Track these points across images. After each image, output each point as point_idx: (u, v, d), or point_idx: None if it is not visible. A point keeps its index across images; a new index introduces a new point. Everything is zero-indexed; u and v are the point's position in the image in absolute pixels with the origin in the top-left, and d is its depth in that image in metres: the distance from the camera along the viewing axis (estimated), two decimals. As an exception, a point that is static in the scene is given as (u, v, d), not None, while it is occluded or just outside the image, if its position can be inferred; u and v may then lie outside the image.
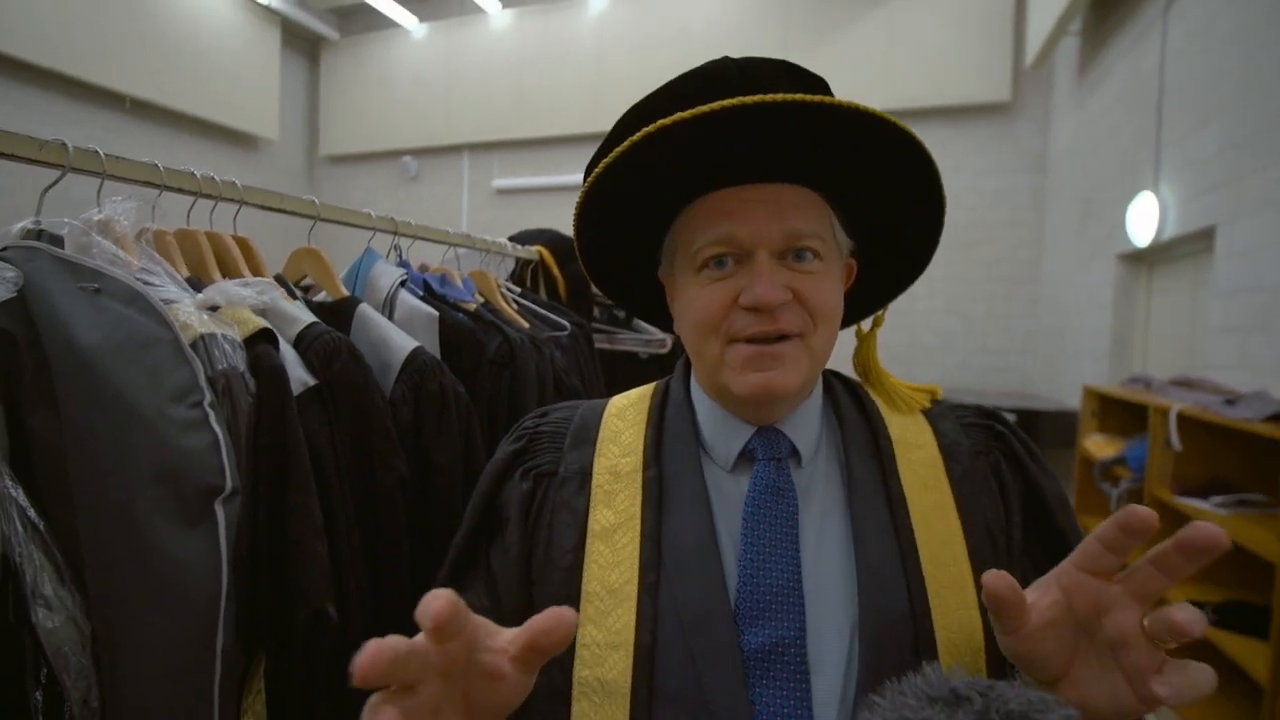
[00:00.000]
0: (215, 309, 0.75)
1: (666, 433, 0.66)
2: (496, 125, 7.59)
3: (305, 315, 0.84)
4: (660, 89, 0.62)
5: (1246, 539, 2.10)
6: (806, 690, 0.54)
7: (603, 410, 0.70)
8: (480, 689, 0.41)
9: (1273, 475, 2.17)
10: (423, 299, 1.19)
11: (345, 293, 1.06)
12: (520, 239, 1.83)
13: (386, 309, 1.13)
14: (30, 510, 0.63)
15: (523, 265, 1.76)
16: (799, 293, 0.58)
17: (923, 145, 0.57)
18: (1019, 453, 0.66)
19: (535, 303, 1.57)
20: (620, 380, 1.79)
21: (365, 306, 1.00)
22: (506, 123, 7.54)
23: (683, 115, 0.53)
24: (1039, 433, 4.47)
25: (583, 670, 0.56)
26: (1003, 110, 5.90)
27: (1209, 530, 0.40)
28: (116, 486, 0.60)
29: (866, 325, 0.72)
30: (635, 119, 0.60)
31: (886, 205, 0.63)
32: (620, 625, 0.57)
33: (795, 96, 0.52)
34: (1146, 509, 0.42)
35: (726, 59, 0.62)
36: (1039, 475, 0.65)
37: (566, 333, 1.44)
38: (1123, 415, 3.40)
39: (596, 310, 1.83)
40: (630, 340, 1.86)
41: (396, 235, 1.24)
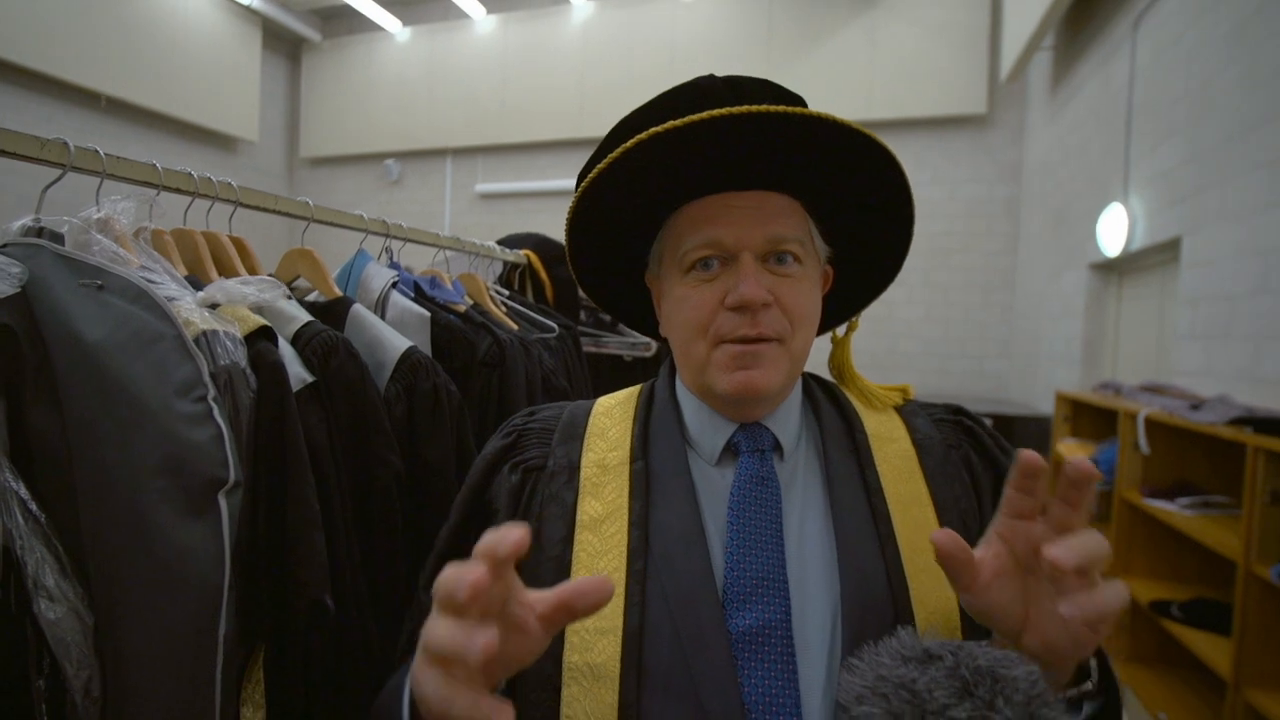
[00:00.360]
0: (215, 306, 0.76)
1: (653, 429, 0.68)
2: (480, 130, 7.59)
3: (302, 314, 0.86)
4: (650, 102, 0.65)
5: (1210, 539, 2.17)
6: (793, 672, 0.56)
7: (589, 409, 0.72)
8: (504, 640, 0.44)
9: (1235, 477, 2.25)
10: (413, 300, 1.21)
11: (339, 293, 1.07)
12: (508, 242, 1.85)
13: (378, 310, 1.14)
14: (32, 503, 0.64)
15: (510, 268, 1.78)
16: (779, 296, 0.61)
17: (894, 156, 0.62)
18: (989, 445, 0.69)
19: (523, 305, 1.59)
20: (606, 382, 1.82)
21: (359, 306, 1.02)
22: (490, 127, 7.54)
23: (675, 123, 0.56)
24: (1014, 436, 4.55)
25: (572, 655, 0.58)
26: (979, 122, 6.03)
27: (1081, 465, 0.47)
28: (122, 478, 0.61)
29: (841, 330, 0.76)
30: (626, 130, 0.63)
31: (861, 214, 0.67)
32: (609, 611, 0.58)
33: (778, 108, 0.56)
34: (1032, 453, 0.49)
35: (713, 76, 0.65)
36: (1007, 464, 0.67)
37: (554, 334, 1.46)
38: (1094, 419, 3.49)
39: (583, 314, 1.85)
40: (616, 343, 1.89)
41: (388, 238, 1.25)
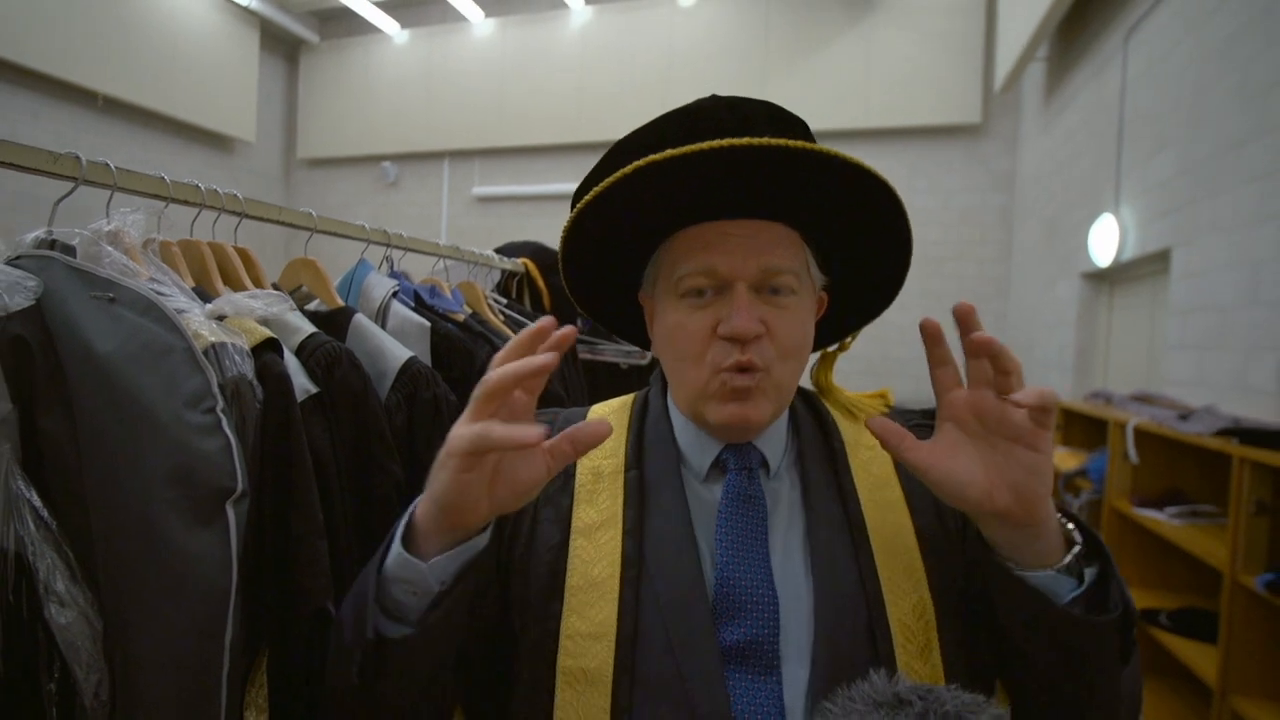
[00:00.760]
0: (222, 318, 0.78)
1: (647, 439, 0.70)
2: (478, 133, 7.60)
3: (306, 325, 0.88)
4: (650, 123, 0.66)
5: (1198, 548, 2.20)
6: (778, 683, 0.58)
7: (584, 417, 0.73)
8: (511, 464, 0.52)
9: (1223, 487, 2.28)
10: (414, 309, 1.22)
11: (340, 302, 1.09)
12: (505, 251, 1.87)
13: (379, 319, 1.16)
14: (43, 510, 0.66)
15: (508, 276, 1.80)
16: (771, 327, 0.62)
17: (894, 190, 0.62)
18: None
19: (521, 313, 1.61)
20: (602, 390, 1.84)
21: (361, 316, 1.03)
22: (488, 131, 7.55)
23: (672, 152, 0.56)
24: (1006, 445, 4.58)
25: (566, 660, 0.59)
26: (973, 132, 6.08)
27: (979, 338, 0.54)
28: (132, 488, 0.63)
29: (831, 347, 0.77)
30: (625, 151, 0.64)
31: (858, 244, 0.68)
32: (602, 616, 0.60)
33: (779, 141, 0.56)
34: (928, 319, 0.57)
35: (715, 97, 0.66)
36: None
37: (552, 343, 1.48)
38: (1085, 428, 3.52)
39: (579, 321, 1.87)
40: (611, 351, 1.91)
41: (389, 247, 1.27)
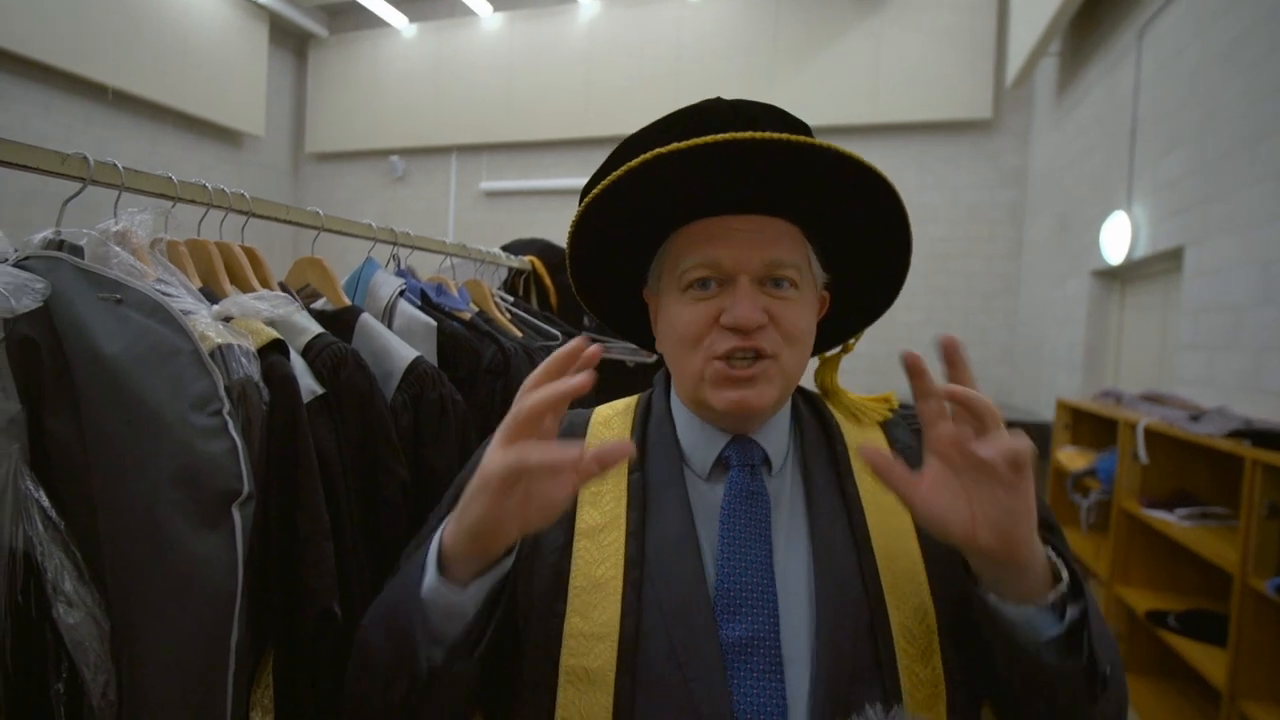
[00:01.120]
0: (229, 320, 0.78)
1: (650, 440, 0.70)
2: (485, 127, 7.60)
3: (313, 326, 0.88)
4: (655, 123, 0.67)
5: (1208, 550, 2.18)
6: (780, 682, 0.58)
7: (588, 418, 0.74)
8: (541, 486, 0.52)
9: (1234, 489, 2.26)
10: (420, 308, 1.22)
11: (347, 301, 1.09)
12: (512, 248, 1.87)
13: (386, 318, 1.16)
14: (51, 510, 0.66)
15: (515, 274, 1.79)
16: (775, 316, 0.63)
17: (894, 188, 0.63)
18: None
19: (528, 312, 1.61)
20: (607, 388, 1.83)
21: (367, 316, 1.03)
22: (495, 125, 7.55)
23: (678, 146, 0.58)
24: (1014, 443, 4.56)
25: (569, 659, 0.60)
26: (984, 127, 6.03)
27: (950, 391, 0.53)
28: (138, 489, 0.63)
29: (835, 350, 0.78)
30: (631, 148, 0.65)
31: (859, 242, 0.68)
32: (605, 617, 0.60)
33: (783, 136, 0.57)
34: (910, 353, 0.54)
35: (720, 99, 0.67)
36: None
37: (558, 342, 1.48)
38: (1094, 428, 3.50)
39: (586, 319, 1.87)
40: (618, 349, 1.90)
41: (396, 245, 1.27)
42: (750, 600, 0.60)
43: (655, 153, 0.58)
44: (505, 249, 1.83)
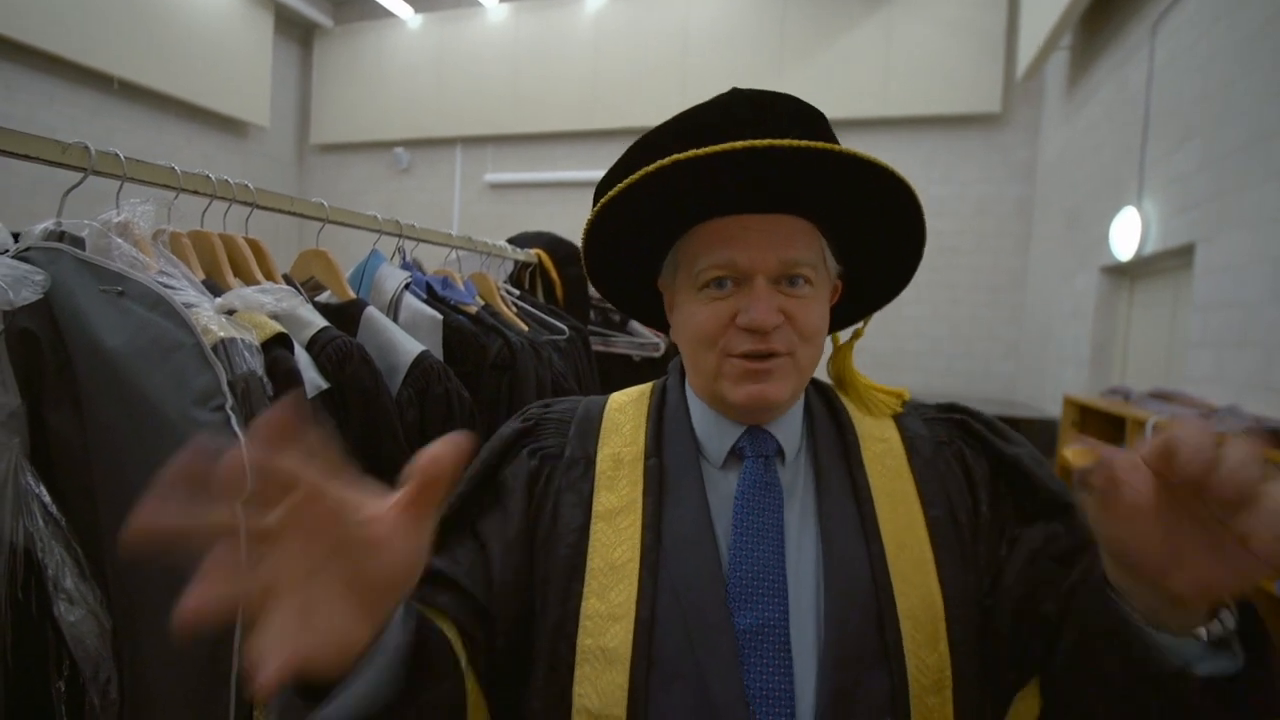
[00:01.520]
0: (232, 313, 0.77)
1: (666, 427, 0.71)
2: (490, 119, 7.57)
3: (318, 319, 0.86)
4: (672, 121, 0.66)
5: (1216, 549, 2.16)
6: (789, 668, 0.59)
7: (604, 404, 0.75)
8: (366, 563, 0.41)
9: (1243, 488, 2.24)
10: (426, 301, 1.21)
11: (352, 295, 1.08)
12: (518, 241, 1.85)
13: (391, 311, 1.15)
14: (52, 506, 0.65)
15: (520, 267, 1.78)
16: (790, 315, 0.63)
17: (912, 189, 0.63)
18: (981, 433, 0.70)
19: (534, 305, 1.60)
20: (614, 382, 1.82)
21: (372, 310, 1.02)
22: (500, 117, 7.52)
23: (695, 153, 0.58)
24: (1020, 440, 4.54)
25: (585, 639, 0.61)
26: (993, 121, 5.98)
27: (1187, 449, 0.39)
28: (140, 485, 0.61)
29: (845, 335, 0.78)
30: (646, 149, 0.65)
31: (874, 236, 0.69)
32: (621, 599, 0.61)
33: (804, 143, 0.57)
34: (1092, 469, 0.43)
35: (736, 91, 0.66)
36: (1004, 447, 0.68)
37: (565, 336, 1.47)
38: (1102, 425, 3.47)
39: (592, 313, 1.85)
40: (624, 343, 1.89)
41: (401, 238, 1.26)
42: (762, 589, 0.61)
43: (673, 159, 0.58)
44: (511, 242, 1.82)
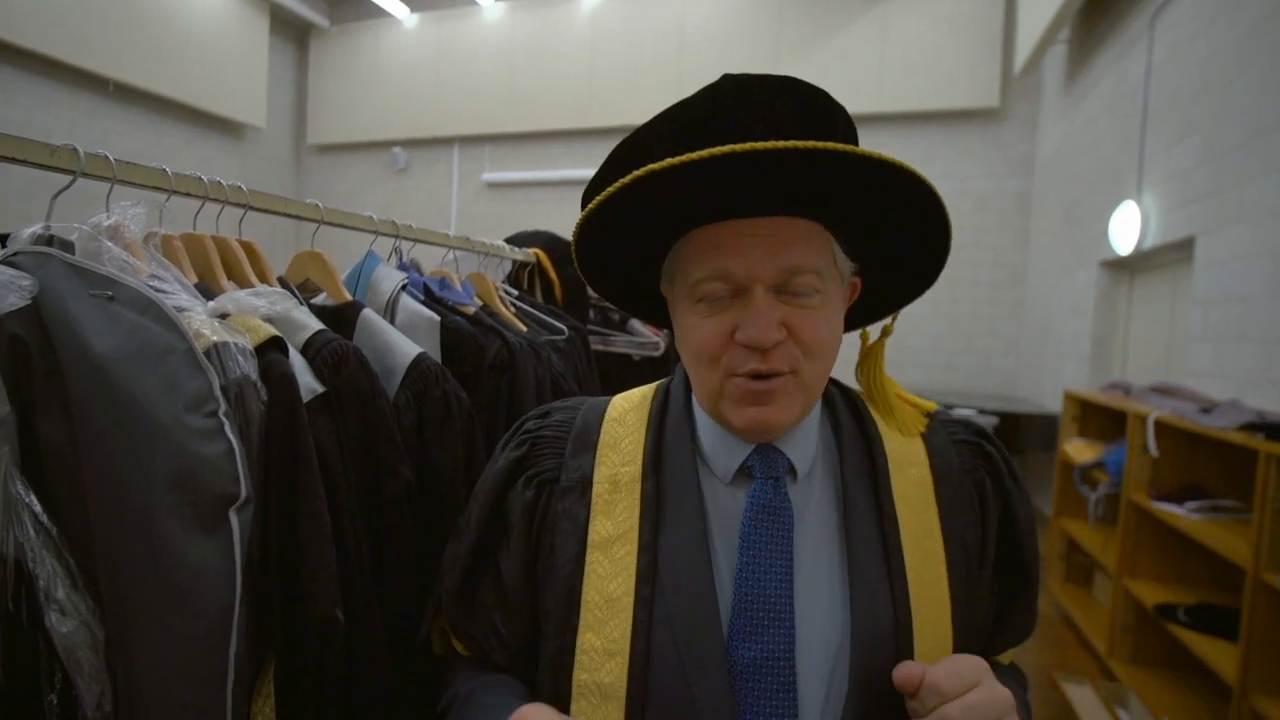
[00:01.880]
0: (225, 316, 0.75)
1: (666, 443, 0.67)
2: (488, 118, 7.56)
3: (313, 322, 0.85)
4: (657, 119, 0.61)
5: (1219, 544, 2.16)
6: (793, 700, 0.57)
7: (603, 413, 0.71)
8: None
9: (1246, 482, 2.23)
10: (423, 303, 1.20)
11: (348, 296, 1.07)
12: (516, 241, 1.84)
13: (388, 313, 1.13)
14: (43, 515, 0.64)
15: (519, 267, 1.77)
16: (794, 330, 0.58)
17: (928, 183, 0.56)
18: (1003, 475, 0.68)
19: (532, 305, 1.58)
20: (614, 382, 1.81)
21: (368, 311, 1.01)
22: (498, 116, 7.50)
23: (672, 162, 0.52)
24: (1021, 435, 4.54)
25: (581, 674, 0.60)
26: (991, 116, 5.98)
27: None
28: (132, 493, 0.61)
29: (874, 333, 0.73)
30: (633, 147, 0.61)
31: (889, 231, 0.63)
32: (617, 634, 0.60)
33: (790, 144, 0.51)
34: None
35: (727, 79, 0.60)
36: (1017, 502, 0.68)
37: (564, 336, 1.45)
38: (1103, 420, 3.47)
39: (591, 312, 1.84)
40: (624, 343, 1.88)
41: (398, 239, 1.24)
42: (768, 620, 0.59)
43: (649, 169, 0.53)
44: (509, 241, 1.80)
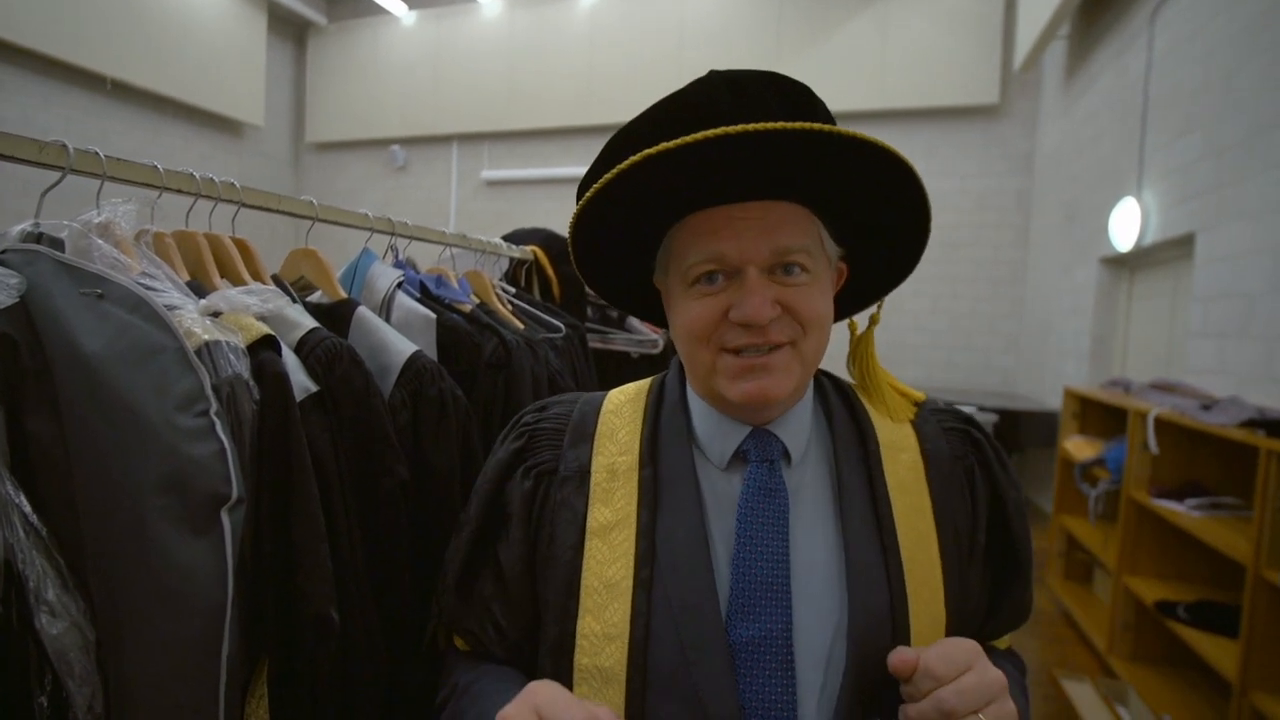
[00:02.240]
0: (217, 315, 0.75)
1: (662, 432, 0.69)
2: (486, 116, 7.54)
3: (306, 320, 0.84)
4: (649, 110, 0.63)
5: (1219, 541, 2.16)
6: (791, 679, 0.59)
7: (600, 406, 0.73)
8: None
9: (1246, 479, 2.23)
10: (419, 300, 1.19)
11: (343, 294, 1.06)
12: (514, 238, 1.83)
13: (383, 311, 1.13)
14: (33, 516, 0.63)
15: (516, 265, 1.76)
16: (788, 305, 0.61)
17: (905, 160, 0.59)
18: (991, 461, 0.71)
19: (530, 303, 1.58)
20: (612, 379, 1.80)
21: (364, 309, 1.00)
22: (497, 113, 7.48)
23: (667, 146, 0.54)
24: (1021, 432, 4.54)
25: (583, 659, 0.61)
26: (991, 112, 5.96)
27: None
28: (123, 494, 0.60)
29: (861, 324, 0.75)
30: (625, 141, 0.62)
31: (873, 214, 0.65)
32: (617, 618, 0.61)
33: (777, 125, 0.53)
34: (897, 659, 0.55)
35: (714, 74, 0.63)
36: (1005, 485, 0.70)
37: (561, 334, 1.45)
38: (1103, 417, 3.46)
39: (589, 310, 1.83)
40: (623, 340, 1.87)
41: (394, 236, 1.24)
42: (765, 599, 0.60)
43: (644, 154, 0.55)
44: (506, 239, 1.80)
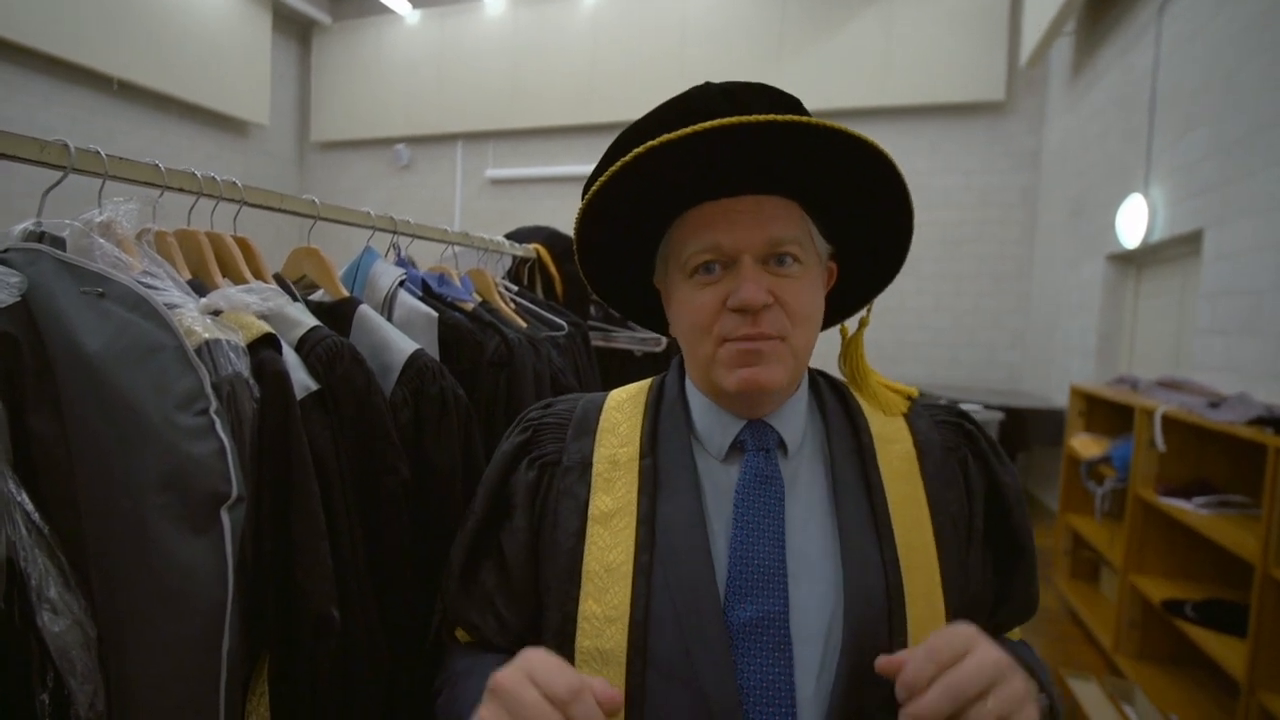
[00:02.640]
0: (217, 313, 0.75)
1: (662, 425, 0.71)
2: (490, 114, 7.54)
3: (307, 319, 0.84)
4: (648, 115, 0.67)
5: (1227, 539, 2.14)
6: (789, 660, 0.60)
7: (602, 403, 0.76)
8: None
9: (1254, 477, 2.21)
10: (421, 299, 1.19)
11: (345, 293, 1.06)
12: (517, 236, 1.83)
13: (385, 309, 1.13)
14: (35, 514, 0.64)
15: (519, 263, 1.76)
16: (780, 296, 0.64)
17: (888, 157, 0.62)
18: (985, 451, 0.72)
19: (532, 302, 1.58)
20: (615, 378, 1.80)
21: (365, 307, 1.00)
22: (501, 112, 7.49)
23: (668, 137, 0.59)
24: (1026, 430, 4.51)
25: (584, 641, 0.63)
26: (996, 109, 5.93)
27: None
28: (123, 492, 0.61)
29: (852, 327, 0.78)
30: (626, 142, 0.66)
31: (859, 212, 0.68)
32: (617, 601, 0.63)
33: (768, 117, 0.57)
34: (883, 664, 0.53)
35: (709, 84, 0.67)
36: (1001, 473, 0.72)
37: (564, 332, 1.45)
38: (1109, 415, 3.44)
39: (593, 308, 1.83)
40: (626, 339, 1.87)
41: (396, 234, 1.24)
42: (762, 582, 0.62)
43: (647, 145, 0.59)
44: (509, 237, 1.80)
